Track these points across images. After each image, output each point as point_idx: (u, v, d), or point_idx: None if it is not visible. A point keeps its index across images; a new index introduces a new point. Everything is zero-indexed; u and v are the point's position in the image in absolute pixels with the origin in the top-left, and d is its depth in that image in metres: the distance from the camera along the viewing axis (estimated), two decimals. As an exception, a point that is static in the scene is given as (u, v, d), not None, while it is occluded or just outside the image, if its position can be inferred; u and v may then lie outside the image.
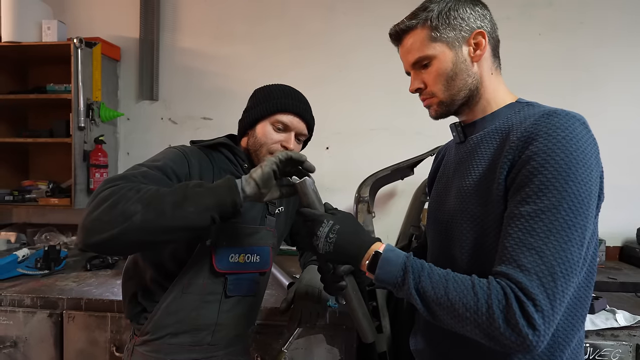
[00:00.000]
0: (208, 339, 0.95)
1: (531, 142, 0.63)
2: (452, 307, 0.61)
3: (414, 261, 0.66)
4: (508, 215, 0.64)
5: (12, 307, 1.31)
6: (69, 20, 2.10)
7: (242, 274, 0.97)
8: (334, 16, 2.09)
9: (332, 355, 1.26)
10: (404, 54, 0.80)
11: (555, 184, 0.60)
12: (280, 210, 1.09)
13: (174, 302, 0.91)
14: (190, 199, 0.73)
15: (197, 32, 2.16)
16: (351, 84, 2.07)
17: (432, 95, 0.78)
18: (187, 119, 2.18)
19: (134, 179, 0.77)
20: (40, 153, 2.20)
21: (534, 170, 0.61)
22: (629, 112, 1.95)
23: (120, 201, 0.70)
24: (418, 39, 0.76)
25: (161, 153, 0.92)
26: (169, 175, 0.84)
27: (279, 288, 1.44)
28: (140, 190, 0.73)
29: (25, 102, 2.00)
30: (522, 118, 0.70)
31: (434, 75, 0.76)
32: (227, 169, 0.98)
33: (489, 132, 0.75)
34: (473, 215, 0.71)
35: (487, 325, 0.58)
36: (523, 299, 0.57)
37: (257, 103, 0.98)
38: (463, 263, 0.72)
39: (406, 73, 0.83)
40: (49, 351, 1.30)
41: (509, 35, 2.00)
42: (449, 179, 0.83)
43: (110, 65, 2.11)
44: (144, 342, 0.93)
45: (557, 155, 0.60)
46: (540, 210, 0.60)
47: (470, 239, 0.71)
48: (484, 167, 0.72)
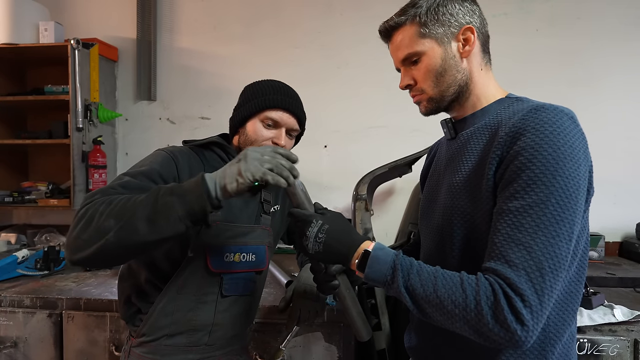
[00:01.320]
0: (205, 340, 0.94)
1: (519, 137, 0.63)
2: (441, 304, 0.61)
3: (402, 259, 0.66)
4: (497, 211, 0.64)
5: (12, 307, 1.32)
6: (66, 21, 2.11)
7: (238, 273, 0.96)
8: (331, 15, 2.09)
9: (330, 352, 1.26)
10: (393, 50, 0.80)
11: (543, 179, 0.60)
12: (276, 209, 1.08)
13: (170, 303, 0.90)
14: (161, 213, 0.71)
15: (194, 32, 2.17)
16: (348, 82, 2.07)
17: (422, 91, 0.78)
18: (185, 119, 2.18)
19: (112, 191, 0.77)
20: (39, 154, 2.21)
21: (522, 166, 0.61)
22: (626, 106, 1.95)
23: (93, 217, 0.71)
24: (407, 36, 0.76)
25: (149, 157, 0.91)
26: (155, 179, 0.84)
27: (277, 286, 1.45)
28: (112, 203, 0.72)
29: (24, 103, 2.00)
30: (511, 113, 0.70)
31: (423, 71, 0.76)
32: (220, 168, 0.96)
33: (478, 128, 0.75)
34: (463, 211, 0.71)
35: (476, 322, 0.58)
36: (511, 295, 0.57)
37: (246, 100, 0.98)
38: (454, 260, 0.73)
39: (397, 70, 0.83)
40: (49, 351, 1.31)
41: (507, 31, 2.01)
42: (440, 175, 0.83)
43: (107, 66, 2.12)
44: (140, 343, 0.92)
45: (544, 150, 0.60)
46: (528, 205, 0.60)
47: (461, 235, 0.71)
48: (474, 163, 0.72)
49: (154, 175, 0.84)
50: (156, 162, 0.88)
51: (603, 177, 1.85)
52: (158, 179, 0.85)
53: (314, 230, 0.72)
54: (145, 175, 0.83)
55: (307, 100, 1.01)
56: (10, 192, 2.03)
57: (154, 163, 0.87)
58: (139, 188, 0.80)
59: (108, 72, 2.13)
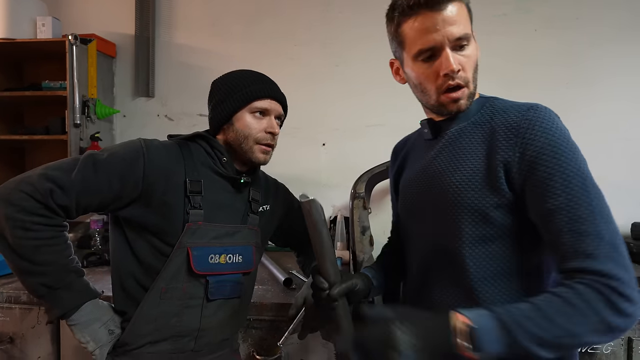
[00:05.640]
0: (191, 345, 0.91)
1: (527, 135, 0.66)
2: (569, 333, 0.57)
3: (502, 314, 0.59)
4: (544, 214, 0.64)
5: (9, 303, 1.32)
6: (64, 16, 2.10)
7: (224, 275, 0.93)
8: (330, 14, 2.08)
9: (327, 349, 1.27)
10: (446, 21, 0.67)
11: (574, 169, 0.64)
12: (265, 208, 1.06)
13: (152, 309, 0.87)
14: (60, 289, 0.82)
15: (192, 29, 2.16)
16: (347, 80, 2.07)
17: (467, 82, 0.71)
18: (183, 116, 2.18)
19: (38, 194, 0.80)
20: (37, 150, 2.20)
21: (549, 164, 0.64)
22: (623, 107, 1.96)
23: (4, 233, 0.80)
24: (464, 13, 0.69)
25: (121, 145, 0.90)
26: (98, 171, 0.83)
27: (274, 283, 1.45)
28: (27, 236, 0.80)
29: (21, 99, 2.00)
30: (496, 111, 0.73)
31: (472, 59, 0.70)
32: (205, 162, 0.95)
33: (466, 126, 0.76)
34: (474, 206, 0.70)
35: (606, 328, 0.58)
36: (611, 284, 0.58)
37: (227, 95, 0.95)
38: (465, 259, 0.72)
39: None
40: (46, 347, 1.31)
41: (505, 31, 2.02)
42: (428, 175, 0.80)
43: (105, 62, 2.11)
44: (124, 352, 0.89)
45: (561, 145, 0.65)
46: (575, 197, 0.62)
47: (472, 231, 0.71)
48: (475, 159, 0.72)
49: (100, 170, 0.84)
50: (119, 156, 0.86)
51: (599, 177, 1.87)
52: (103, 173, 0.84)
53: (405, 340, 0.58)
54: (94, 165, 0.83)
55: (306, 98, 1.02)
56: (7, 188, 2.02)
57: (116, 157, 0.85)
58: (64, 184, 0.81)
59: (106, 68, 2.12)
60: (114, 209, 0.87)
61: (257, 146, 0.95)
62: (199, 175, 0.92)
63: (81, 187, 0.82)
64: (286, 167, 1.30)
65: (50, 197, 0.79)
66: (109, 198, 0.85)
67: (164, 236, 0.88)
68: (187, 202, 0.89)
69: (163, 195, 0.88)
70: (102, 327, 0.85)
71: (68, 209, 0.82)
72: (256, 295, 1.26)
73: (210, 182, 0.93)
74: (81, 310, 0.83)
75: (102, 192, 0.84)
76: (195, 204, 0.90)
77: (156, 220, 0.88)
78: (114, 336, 0.87)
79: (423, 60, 0.72)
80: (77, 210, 0.84)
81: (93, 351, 0.85)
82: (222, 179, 0.96)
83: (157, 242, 0.88)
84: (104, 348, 0.86)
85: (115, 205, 0.86)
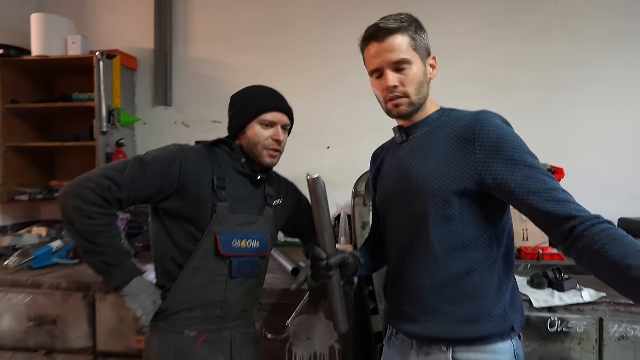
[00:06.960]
0: (217, 313, 1.08)
1: (483, 132, 0.82)
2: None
3: None
4: (520, 193, 0.78)
5: (52, 290, 1.49)
6: (90, 33, 2.30)
7: (245, 257, 1.10)
8: (333, 28, 2.25)
9: (330, 329, 1.41)
10: (382, 51, 0.89)
11: (525, 153, 0.81)
12: (278, 202, 1.23)
13: (187, 283, 1.04)
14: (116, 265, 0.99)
15: (207, 43, 2.35)
16: (349, 89, 2.22)
17: (405, 94, 0.90)
18: (199, 123, 2.36)
19: (103, 189, 0.97)
20: (66, 156, 2.39)
21: (506, 151, 0.80)
22: (609, 110, 2.08)
23: (72, 219, 0.97)
24: (404, 42, 0.88)
25: (161, 149, 1.08)
26: (145, 171, 1.00)
27: (284, 273, 1.61)
28: (92, 223, 0.97)
29: (52, 110, 2.18)
30: (456, 118, 0.90)
31: (411, 78, 0.90)
32: (228, 162, 1.12)
33: (430, 130, 0.94)
34: (438, 192, 0.86)
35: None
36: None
37: (240, 109, 1.12)
38: (432, 244, 0.88)
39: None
40: (84, 328, 1.48)
41: (497, 40, 2.16)
42: (400, 172, 0.96)
43: (128, 74, 2.30)
44: (165, 317, 1.05)
45: (510, 135, 0.83)
46: (537, 173, 0.79)
47: (436, 213, 0.87)
48: (439, 155, 0.88)
49: (147, 170, 1.01)
50: (160, 159, 1.03)
51: (588, 176, 1.99)
52: (148, 171, 1.01)
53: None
54: (143, 165, 1.01)
55: (312, 105, 1.17)
56: (40, 190, 2.22)
57: (158, 160, 1.03)
58: (123, 181, 0.98)
59: (128, 80, 2.31)
60: (156, 201, 1.05)
61: (266, 151, 1.12)
62: (223, 174, 1.10)
63: (132, 184, 1.00)
64: (294, 168, 1.45)
65: (109, 192, 0.97)
66: (153, 193, 1.03)
67: (196, 224, 1.05)
68: (215, 196, 1.06)
69: (195, 190, 1.05)
70: (148, 297, 1.03)
71: (121, 202, 1.01)
72: (267, 282, 1.39)
73: (233, 179, 1.11)
74: (131, 284, 1.01)
75: (148, 188, 1.02)
76: (221, 198, 1.07)
77: (190, 210, 1.05)
78: (157, 305, 1.04)
79: (376, 77, 0.94)
80: (127, 203, 1.02)
81: (141, 317, 1.02)
82: (243, 177, 1.13)
83: (190, 228, 1.05)
84: (149, 315, 1.03)
85: (158, 198, 1.04)
